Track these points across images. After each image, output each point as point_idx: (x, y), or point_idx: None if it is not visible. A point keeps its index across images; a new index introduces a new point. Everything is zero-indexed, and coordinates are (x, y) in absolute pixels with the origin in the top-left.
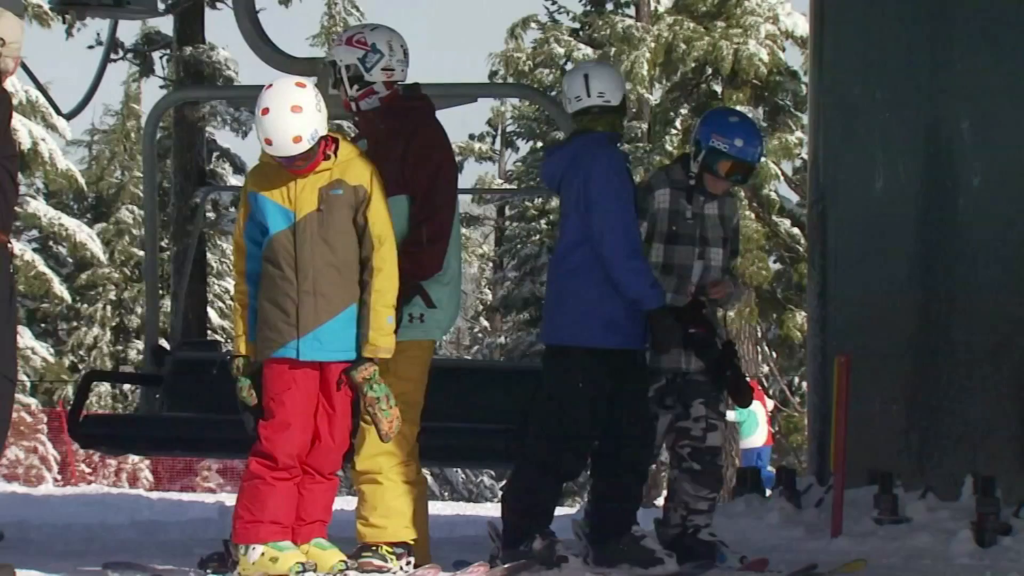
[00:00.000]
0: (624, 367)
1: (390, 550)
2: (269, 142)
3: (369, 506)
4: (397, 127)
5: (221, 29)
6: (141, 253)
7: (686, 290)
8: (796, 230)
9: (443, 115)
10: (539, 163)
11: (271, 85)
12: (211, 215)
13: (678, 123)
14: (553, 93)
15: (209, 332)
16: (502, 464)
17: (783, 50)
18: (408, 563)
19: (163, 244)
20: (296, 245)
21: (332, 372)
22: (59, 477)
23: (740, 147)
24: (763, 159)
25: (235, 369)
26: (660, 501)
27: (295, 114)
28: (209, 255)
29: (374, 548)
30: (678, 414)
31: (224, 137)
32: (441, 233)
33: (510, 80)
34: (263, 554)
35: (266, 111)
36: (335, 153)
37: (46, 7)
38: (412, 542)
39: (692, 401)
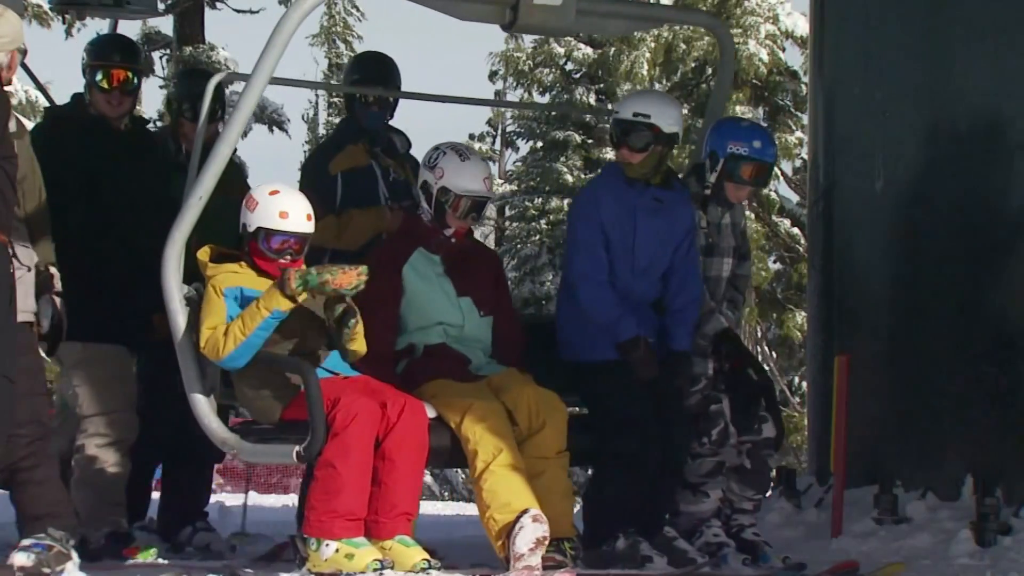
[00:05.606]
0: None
1: (571, 544)
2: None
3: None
4: None
5: (221, 29)
6: None
7: (711, 303)
8: (796, 230)
9: (442, 111)
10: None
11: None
12: None
13: None
14: (553, 93)
15: None
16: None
17: (783, 50)
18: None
19: None
20: None
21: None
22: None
23: (759, 148)
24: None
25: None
26: None
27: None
28: None
29: (556, 542)
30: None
31: None
32: None
33: (510, 80)
34: (337, 551)
35: (275, 192)
36: None
37: (46, 7)
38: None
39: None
